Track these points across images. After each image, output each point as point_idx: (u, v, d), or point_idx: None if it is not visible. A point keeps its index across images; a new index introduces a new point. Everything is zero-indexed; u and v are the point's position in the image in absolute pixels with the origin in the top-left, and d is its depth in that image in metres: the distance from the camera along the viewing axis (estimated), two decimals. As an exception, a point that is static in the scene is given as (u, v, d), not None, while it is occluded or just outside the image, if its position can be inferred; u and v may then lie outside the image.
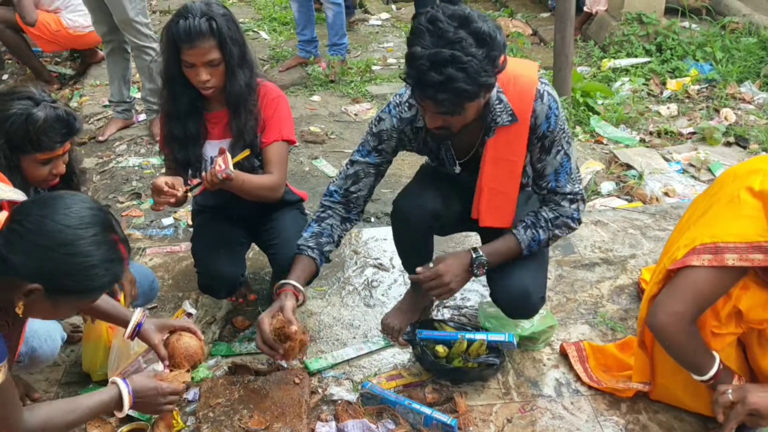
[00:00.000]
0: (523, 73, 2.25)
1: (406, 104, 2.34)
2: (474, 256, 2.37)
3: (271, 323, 2.26)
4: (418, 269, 2.38)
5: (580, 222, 2.41)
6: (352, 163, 2.45)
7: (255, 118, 2.58)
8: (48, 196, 1.62)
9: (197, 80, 2.47)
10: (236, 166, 2.44)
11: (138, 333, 2.17)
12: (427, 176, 2.62)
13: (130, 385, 1.90)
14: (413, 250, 2.61)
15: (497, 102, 2.22)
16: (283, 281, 2.38)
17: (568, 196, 2.36)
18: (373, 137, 2.40)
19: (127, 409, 1.89)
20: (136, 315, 2.15)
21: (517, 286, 2.40)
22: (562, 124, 2.28)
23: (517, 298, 2.42)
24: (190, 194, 2.48)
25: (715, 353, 2.05)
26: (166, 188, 2.38)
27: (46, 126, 2.16)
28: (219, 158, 2.42)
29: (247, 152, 2.53)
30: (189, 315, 2.46)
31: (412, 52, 1.98)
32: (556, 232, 2.39)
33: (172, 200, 2.40)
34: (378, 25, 7.16)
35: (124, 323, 2.17)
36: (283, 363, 2.49)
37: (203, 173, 2.47)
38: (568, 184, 2.35)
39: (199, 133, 2.62)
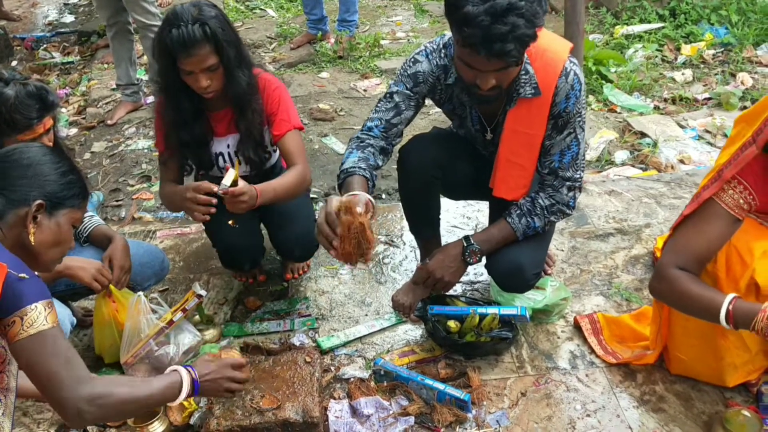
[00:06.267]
0: (553, 48, 2.21)
1: (441, 52, 2.29)
2: (465, 244, 2.35)
3: (340, 201, 2.03)
4: (419, 266, 2.48)
5: (574, 209, 2.40)
6: (391, 95, 2.35)
7: (260, 114, 2.56)
8: (2, 150, 1.78)
9: (197, 86, 2.42)
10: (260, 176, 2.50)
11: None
12: (438, 132, 2.65)
13: (195, 369, 1.83)
14: (417, 204, 2.60)
15: (523, 72, 2.18)
16: (351, 192, 2.13)
17: (567, 183, 2.33)
18: (408, 78, 2.32)
19: (183, 396, 1.78)
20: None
21: (510, 258, 2.37)
22: (581, 108, 2.25)
23: (509, 271, 2.40)
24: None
25: (729, 294, 1.90)
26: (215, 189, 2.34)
27: (18, 103, 2.13)
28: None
29: (236, 169, 2.42)
30: (199, 296, 2.45)
31: (465, 13, 1.90)
32: (552, 218, 2.38)
33: (213, 210, 2.37)
34: (386, -1, 7.07)
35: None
36: (342, 264, 2.23)
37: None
38: (570, 169, 2.32)
39: (206, 134, 2.61)
